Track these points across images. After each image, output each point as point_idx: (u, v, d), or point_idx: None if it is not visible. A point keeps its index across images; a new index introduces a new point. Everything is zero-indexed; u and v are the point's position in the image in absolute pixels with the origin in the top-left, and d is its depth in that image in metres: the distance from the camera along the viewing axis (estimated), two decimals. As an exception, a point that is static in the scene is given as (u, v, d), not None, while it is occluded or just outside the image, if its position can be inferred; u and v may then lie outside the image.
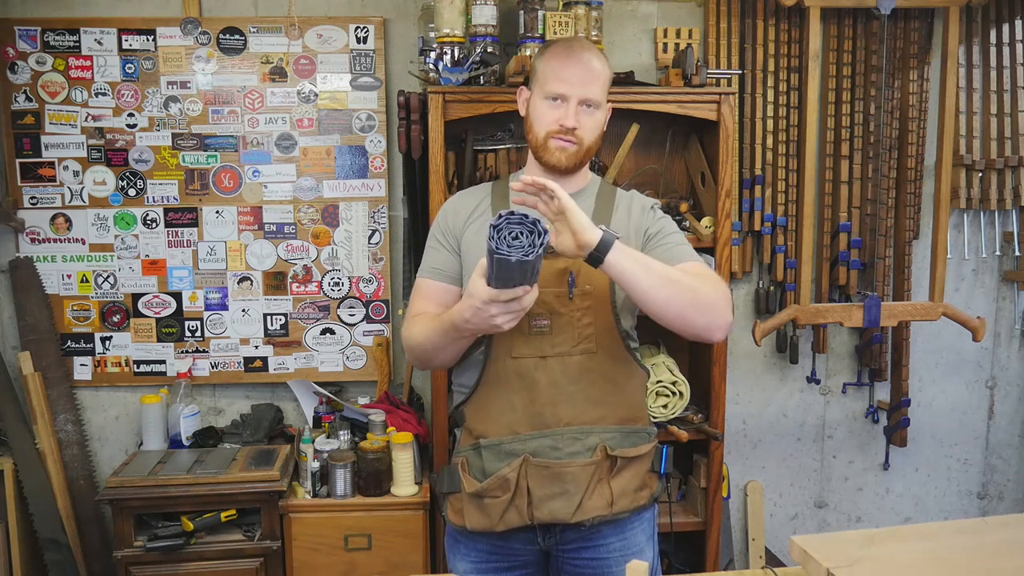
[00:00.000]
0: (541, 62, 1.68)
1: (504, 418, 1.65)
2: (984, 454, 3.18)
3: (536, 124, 1.67)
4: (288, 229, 2.74)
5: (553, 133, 1.64)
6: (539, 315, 1.62)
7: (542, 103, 1.65)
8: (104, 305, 2.73)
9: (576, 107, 1.63)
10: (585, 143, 1.66)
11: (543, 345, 1.63)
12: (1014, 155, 2.86)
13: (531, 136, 1.69)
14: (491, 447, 1.65)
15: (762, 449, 3.06)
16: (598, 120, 1.68)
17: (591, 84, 1.64)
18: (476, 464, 1.67)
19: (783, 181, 2.80)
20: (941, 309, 2.69)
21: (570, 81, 1.62)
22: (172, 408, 2.61)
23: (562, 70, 1.63)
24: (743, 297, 2.94)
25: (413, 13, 2.71)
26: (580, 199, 1.68)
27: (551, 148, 1.65)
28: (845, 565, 1.17)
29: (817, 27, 2.64)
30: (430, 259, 1.74)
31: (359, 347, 2.80)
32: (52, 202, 2.68)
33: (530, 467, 1.62)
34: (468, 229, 1.71)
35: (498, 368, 1.65)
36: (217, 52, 2.66)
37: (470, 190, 1.84)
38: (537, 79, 1.68)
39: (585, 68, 1.64)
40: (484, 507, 1.65)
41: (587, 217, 1.47)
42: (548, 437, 1.63)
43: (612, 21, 2.75)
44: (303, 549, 2.38)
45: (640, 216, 1.72)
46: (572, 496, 1.62)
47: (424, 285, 1.74)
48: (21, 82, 2.63)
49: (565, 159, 1.65)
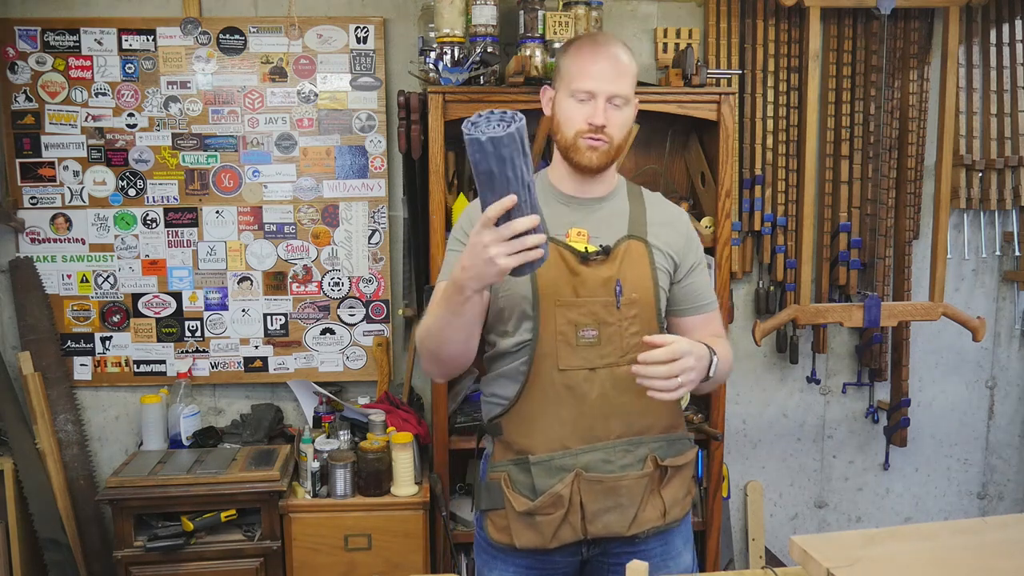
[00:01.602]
0: (566, 59, 1.62)
1: (553, 432, 1.58)
2: (984, 454, 3.18)
3: (564, 124, 1.60)
4: (288, 229, 2.74)
5: (583, 133, 1.57)
6: (586, 325, 1.57)
7: (568, 101, 1.58)
8: (104, 305, 2.73)
9: (604, 104, 1.56)
10: (616, 140, 1.60)
11: (591, 356, 1.58)
12: (1014, 155, 2.86)
13: (559, 137, 1.62)
14: (541, 463, 1.58)
15: (762, 449, 3.06)
16: (627, 116, 1.61)
17: (619, 79, 1.57)
18: (522, 480, 1.60)
19: (783, 181, 2.80)
20: (941, 309, 2.69)
21: (597, 77, 1.56)
22: (172, 408, 2.61)
23: (589, 66, 1.57)
24: (743, 297, 2.94)
25: (413, 13, 2.71)
26: (614, 201, 1.67)
27: (581, 148, 1.58)
28: (845, 565, 1.17)
29: (817, 27, 2.64)
30: (453, 265, 1.62)
31: (359, 347, 2.80)
32: (52, 202, 2.68)
33: (583, 482, 1.56)
34: None
35: (543, 381, 1.58)
36: (217, 52, 2.66)
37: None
38: (562, 77, 1.61)
39: (612, 63, 1.57)
40: (536, 525, 1.59)
41: (696, 346, 1.46)
42: (600, 451, 1.58)
43: (612, 21, 2.75)
44: (303, 549, 2.38)
45: (686, 241, 1.70)
46: (627, 509, 1.59)
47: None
48: (21, 82, 2.63)
49: (596, 159, 1.59)
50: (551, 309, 1.56)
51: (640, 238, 1.64)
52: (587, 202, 1.65)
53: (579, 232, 1.61)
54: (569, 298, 1.57)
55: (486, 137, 1.25)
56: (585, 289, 1.57)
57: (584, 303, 1.57)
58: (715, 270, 2.45)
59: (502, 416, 1.63)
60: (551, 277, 1.56)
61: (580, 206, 1.65)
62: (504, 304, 1.59)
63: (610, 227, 1.64)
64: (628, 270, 1.60)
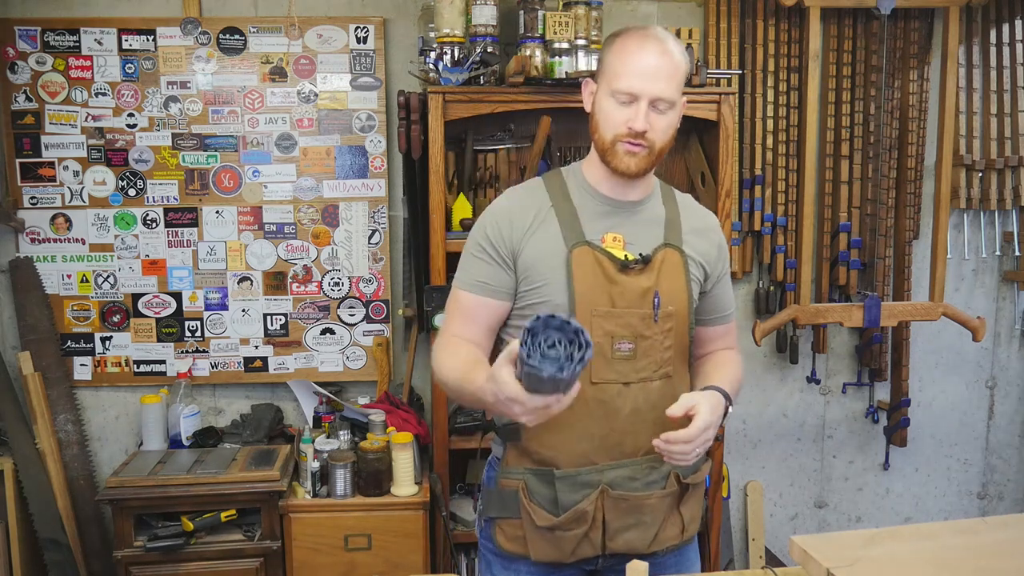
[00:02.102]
0: (610, 53, 1.49)
1: (580, 447, 1.51)
2: (984, 454, 3.18)
3: (603, 125, 1.49)
4: (288, 229, 2.74)
5: (621, 137, 1.46)
6: (623, 338, 1.49)
7: (609, 101, 1.47)
8: (104, 305, 2.73)
9: (647, 107, 1.44)
10: (657, 146, 1.49)
11: (626, 370, 1.50)
12: (1014, 155, 2.86)
13: (596, 137, 1.51)
14: (567, 478, 1.51)
15: (762, 449, 3.06)
16: (671, 121, 1.49)
17: (666, 80, 1.45)
18: (543, 493, 1.53)
19: (783, 181, 2.80)
20: (941, 309, 2.69)
21: (642, 76, 1.43)
22: (172, 408, 2.61)
23: (634, 64, 1.44)
24: (743, 297, 2.94)
25: (413, 13, 2.71)
26: (650, 205, 1.59)
27: (619, 153, 1.48)
28: (845, 565, 1.17)
29: (817, 27, 2.64)
30: (475, 271, 1.53)
31: (359, 347, 2.80)
32: (52, 202, 2.68)
33: (608, 499, 1.50)
34: (528, 242, 1.52)
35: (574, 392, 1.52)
36: (217, 52, 2.66)
37: (520, 191, 1.61)
38: (604, 73, 1.49)
39: (660, 61, 1.44)
40: (556, 540, 1.52)
41: (715, 409, 1.44)
42: (626, 467, 1.52)
43: (612, 21, 2.75)
44: (303, 549, 2.38)
45: (718, 251, 1.64)
46: (649, 527, 1.54)
47: (466, 300, 1.53)
48: (21, 82, 2.63)
49: (635, 165, 1.48)
50: (588, 319, 1.47)
51: (676, 247, 1.56)
52: (624, 205, 1.56)
53: (615, 237, 1.53)
54: (606, 308, 1.49)
55: (547, 375, 1.14)
56: (623, 300, 1.49)
57: (622, 314, 1.49)
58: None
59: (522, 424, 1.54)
60: (588, 285, 1.48)
61: (617, 209, 1.56)
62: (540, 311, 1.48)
63: (648, 233, 1.56)
64: (665, 281, 1.53)
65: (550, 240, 1.51)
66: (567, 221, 1.52)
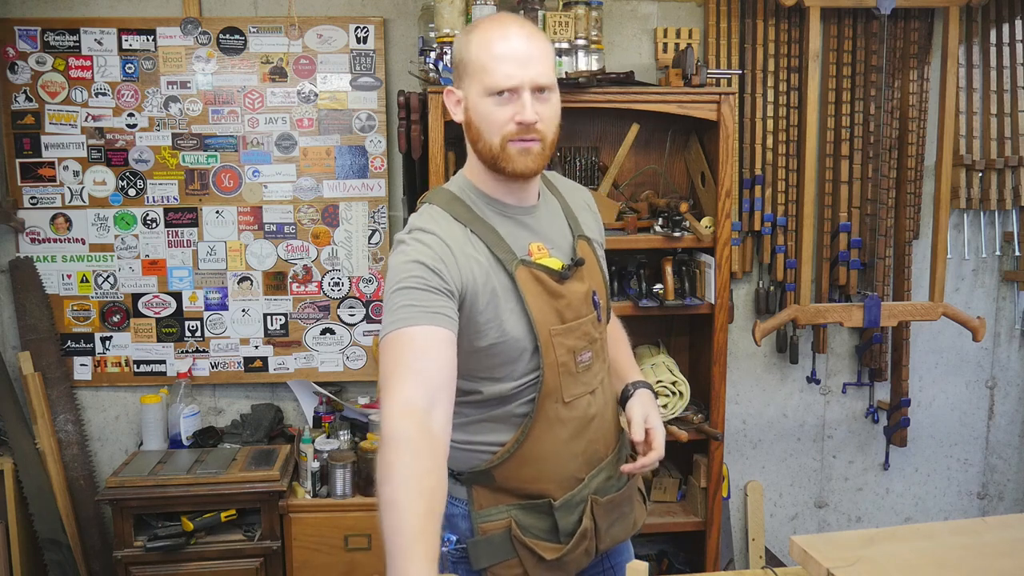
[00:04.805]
0: (471, 50, 1.34)
1: (567, 469, 1.43)
2: (984, 454, 3.18)
3: (486, 130, 1.34)
4: (288, 229, 2.74)
5: (511, 136, 1.32)
6: (583, 349, 1.42)
7: (485, 102, 1.33)
8: (104, 305, 2.73)
9: (530, 96, 1.31)
10: (549, 138, 1.36)
11: (589, 379, 1.44)
12: (1014, 155, 2.86)
13: (480, 145, 1.36)
14: (565, 506, 1.43)
15: (762, 449, 3.06)
16: (555, 107, 1.37)
17: (540, 63, 1.32)
18: (538, 525, 1.42)
19: (783, 181, 2.80)
20: (941, 309, 2.69)
21: (516, 64, 1.30)
22: (172, 408, 2.62)
23: (503, 53, 1.31)
24: (743, 297, 2.94)
25: (413, 13, 2.71)
26: (543, 200, 1.49)
27: (512, 155, 1.33)
28: (845, 565, 1.17)
29: (817, 27, 2.64)
30: (423, 300, 1.26)
31: (359, 347, 2.80)
32: (52, 202, 2.68)
33: (598, 507, 1.46)
34: (467, 275, 1.33)
35: (549, 417, 1.39)
36: (217, 52, 2.66)
37: (432, 220, 1.38)
38: (469, 73, 1.35)
39: (528, 45, 1.32)
40: (563, 565, 1.44)
41: (651, 402, 1.51)
42: (603, 471, 1.49)
43: (612, 21, 2.75)
44: (303, 549, 2.38)
45: (597, 223, 1.60)
46: (627, 516, 1.55)
47: (424, 339, 1.23)
48: (21, 82, 2.63)
49: (532, 163, 1.34)
50: (548, 341, 1.37)
51: (584, 236, 1.50)
52: (529, 211, 1.44)
53: (539, 247, 1.41)
54: (561, 325, 1.39)
55: None
56: (571, 311, 1.41)
57: (576, 326, 1.41)
58: (715, 270, 2.45)
59: (500, 465, 1.40)
60: (539, 306, 1.37)
61: (526, 217, 1.44)
62: (499, 351, 1.36)
63: (556, 231, 1.47)
64: (590, 276, 1.46)
65: (485, 267, 1.35)
66: (494, 243, 1.37)
